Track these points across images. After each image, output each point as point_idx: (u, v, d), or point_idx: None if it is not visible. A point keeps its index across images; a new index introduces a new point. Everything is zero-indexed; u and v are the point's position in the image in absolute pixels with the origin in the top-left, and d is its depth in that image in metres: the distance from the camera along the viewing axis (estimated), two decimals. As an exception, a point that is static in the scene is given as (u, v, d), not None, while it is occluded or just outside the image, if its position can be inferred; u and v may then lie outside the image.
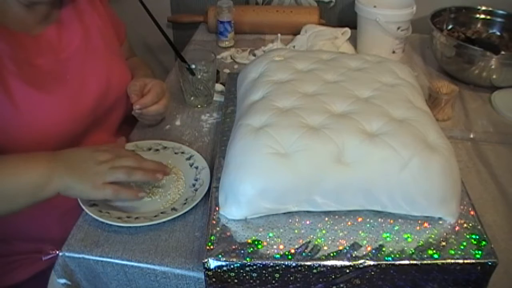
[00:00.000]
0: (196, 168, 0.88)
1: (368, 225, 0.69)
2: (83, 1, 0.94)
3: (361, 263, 0.64)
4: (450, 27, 1.34)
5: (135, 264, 0.73)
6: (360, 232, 0.68)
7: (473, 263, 0.64)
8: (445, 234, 0.68)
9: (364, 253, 0.65)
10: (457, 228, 0.69)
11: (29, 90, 0.81)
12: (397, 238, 0.67)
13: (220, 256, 0.64)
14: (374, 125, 0.72)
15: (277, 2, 1.55)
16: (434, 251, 0.65)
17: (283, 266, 0.64)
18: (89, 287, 0.79)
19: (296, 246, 0.66)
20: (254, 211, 0.69)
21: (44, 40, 0.87)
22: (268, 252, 0.65)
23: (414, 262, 0.64)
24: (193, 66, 1.03)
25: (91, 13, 0.95)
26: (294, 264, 0.64)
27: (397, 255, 0.65)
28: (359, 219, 0.70)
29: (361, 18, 1.27)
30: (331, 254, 0.65)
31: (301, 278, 0.65)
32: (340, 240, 0.67)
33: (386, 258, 0.64)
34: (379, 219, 0.70)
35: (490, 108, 1.13)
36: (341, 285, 0.66)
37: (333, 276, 0.65)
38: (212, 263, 0.64)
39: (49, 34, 0.88)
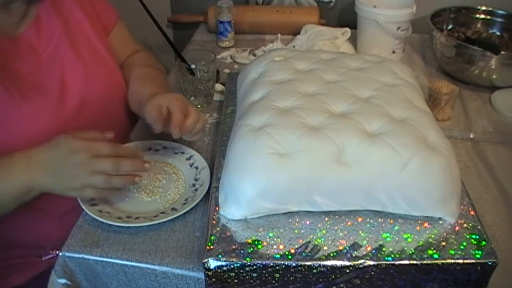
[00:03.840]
0: (196, 168, 0.88)
1: (368, 225, 0.69)
2: None
3: (361, 263, 0.64)
4: (450, 27, 1.34)
5: (135, 264, 0.73)
6: (360, 232, 0.68)
7: (473, 263, 0.64)
8: (445, 234, 0.68)
9: (364, 253, 0.65)
10: (457, 228, 0.69)
11: (7, 99, 0.78)
12: (397, 238, 0.67)
13: (220, 256, 0.64)
14: (374, 125, 0.72)
15: (277, 2, 1.55)
16: (434, 251, 0.65)
17: (283, 266, 0.64)
18: (89, 287, 0.79)
19: (296, 246, 0.66)
20: (254, 211, 0.69)
21: (23, 42, 0.84)
22: (268, 252, 0.65)
23: (414, 262, 0.64)
24: (193, 66, 1.03)
25: (70, 4, 0.91)
26: (294, 264, 0.64)
27: (397, 255, 0.65)
28: (359, 219, 0.70)
29: (361, 18, 1.27)
30: (331, 254, 0.65)
31: (301, 278, 0.65)
32: (340, 240, 0.67)
33: (386, 258, 0.64)
34: (379, 219, 0.70)
35: (490, 108, 1.13)
36: (341, 285, 0.66)
37: (333, 276, 0.65)
38: (212, 263, 0.64)
39: (28, 35, 0.84)
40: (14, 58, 0.82)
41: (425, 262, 0.64)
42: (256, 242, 0.66)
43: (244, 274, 0.65)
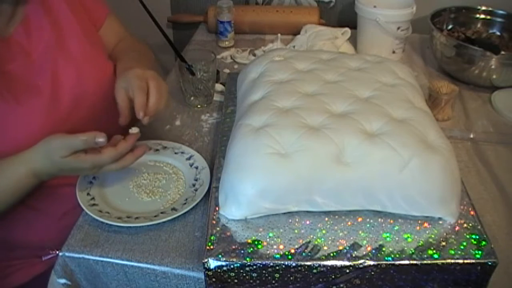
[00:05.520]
0: (196, 168, 0.88)
1: (368, 225, 0.69)
2: None
3: (361, 263, 0.64)
4: (450, 27, 1.34)
5: (135, 264, 0.73)
6: (360, 232, 0.68)
7: (473, 263, 0.64)
8: (445, 234, 0.68)
9: (364, 253, 0.65)
10: (457, 228, 0.69)
11: (0, 103, 0.78)
12: (397, 238, 0.67)
13: (220, 256, 0.64)
14: (374, 125, 0.72)
15: (277, 2, 1.55)
16: (434, 251, 0.65)
17: (283, 266, 0.64)
18: (89, 287, 0.79)
19: (296, 246, 0.66)
20: (254, 211, 0.69)
21: (13, 43, 0.82)
22: (268, 252, 0.65)
23: (414, 262, 0.64)
24: (193, 66, 1.03)
25: (58, 3, 0.89)
26: (294, 264, 0.64)
27: (397, 255, 0.65)
28: (359, 219, 0.70)
29: (361, 18, 1.27)
30: (331, 254, 0.65)
31: (301, 278, 0.65)
32: (340, 240, 0.67)
33: (386, 258, 0.64)
34: (379, 219, 0.70)
35: (490, 108, 1.13)
36: (341, 285, 0.66)
37: (333, 276, 0.65)
38: (212, 263, 0.64)
39: (17, 35, 0.83)
40: (6, 60, 0.81)
41: (425, 262, 0.64)
42: (256, 242, 0.66)
43: (244, 274, 0.65)
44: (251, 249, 0.65)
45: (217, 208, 0.71)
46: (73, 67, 0.88)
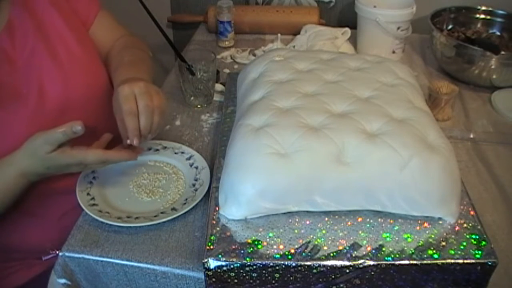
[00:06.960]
0: (196, 168, 0.88)
1: (368, 225, 0.69)
2: None
3: (361, 263, 0.64)
4: (450, 27, 1.34)
5: (135, 264, 0.73)
6: (360, 232, 0.68)
7: (473, 263, 0.64)
8: (445, 234, 0.68)
9: (364, 253, 0.65)
10: (457, 228, 0.69)
11: None
12: (397, 238, 0.67)
13: (220, 256, 0.64)
14: (374, 125, 0.72)
15: (277, 2, 1.55)
16: (434, 251, 0.65)
17: (283, 266, 0.64)
18: (89, 287, 0.79)
19: (296, 246, 0.66)
20: (254, 211, 0.69)
21: None
22: (268, 252, 0.65)
23: (414, 262, 0.64)
24: (193, 66, 1.03)
25: (43, 5, 0.86)
26: (294, 264, 0.64)
27: (397, 255, 0.65)
28: (359, 219, 0.70)
29: (361, 18, 1.27)
30: (331, 254, 0.65)
31: (301, 278, 0.65)
32: (340, 240, 0.67)
33: (386, 258, 0.64)
34: (379, 219, 0.70)
35: (490, 108, 1.13)
36: (341, 285, 0.66)
37: (333, 276, 0.65)
38: (212, 263, 0.64)
39: (1, 41, 0.80)
40: None
41: (425, 262, 0.64)
42: (256, 242, 0.66)
43: (244, 274, 0.65)
44: (251, 249, 0.65)
45: (217, 208, 0.71)
46: (59, 73, 0.85)
